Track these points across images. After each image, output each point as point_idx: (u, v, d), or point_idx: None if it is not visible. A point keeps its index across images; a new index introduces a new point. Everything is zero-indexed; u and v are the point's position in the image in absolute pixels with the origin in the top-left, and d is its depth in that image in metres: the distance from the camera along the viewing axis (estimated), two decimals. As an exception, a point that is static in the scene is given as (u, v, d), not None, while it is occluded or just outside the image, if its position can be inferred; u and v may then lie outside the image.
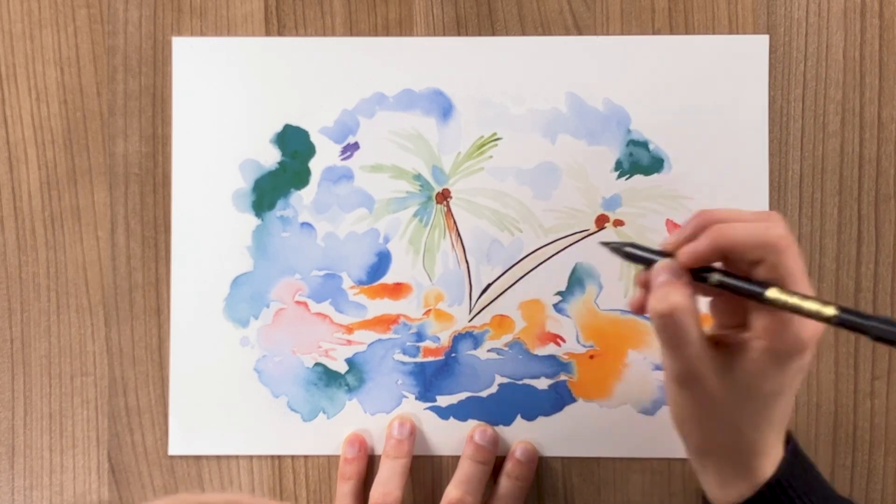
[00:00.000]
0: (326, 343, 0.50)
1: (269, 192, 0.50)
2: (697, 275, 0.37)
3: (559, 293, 0.49)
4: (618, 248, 0.40)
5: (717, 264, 0.38)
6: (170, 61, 0.50)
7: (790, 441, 0.41)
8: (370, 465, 0.50)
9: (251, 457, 0.50)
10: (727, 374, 0.38)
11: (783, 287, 0.36)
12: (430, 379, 0.50)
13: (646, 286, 0.39)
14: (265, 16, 0.50)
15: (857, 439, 0.49)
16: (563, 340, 0.49)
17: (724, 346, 0.38)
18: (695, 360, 0.37)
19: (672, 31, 0.49)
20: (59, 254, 0.50)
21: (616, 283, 0.49)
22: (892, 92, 0.49)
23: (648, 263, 0.39)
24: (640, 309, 0.39)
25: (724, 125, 0.49)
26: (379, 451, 0.50)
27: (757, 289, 0.36)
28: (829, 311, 0.34)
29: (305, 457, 0.50)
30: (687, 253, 0.37)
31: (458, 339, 0.50)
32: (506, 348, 0.50)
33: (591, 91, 0.49)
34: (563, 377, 0.49)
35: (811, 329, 0.37)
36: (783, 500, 0.39)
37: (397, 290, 0.50)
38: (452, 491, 0.47)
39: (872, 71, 0.49)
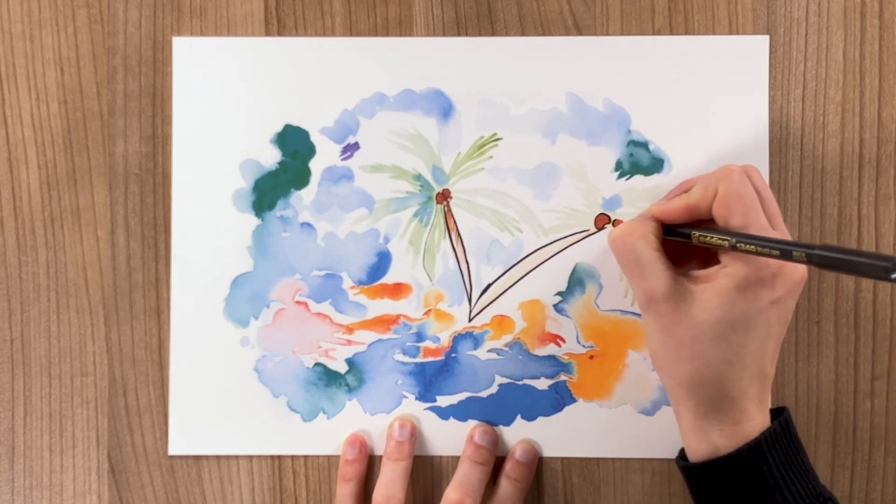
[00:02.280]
0: (326, 343, 0.50)
1: (269, 192, 0.50)
2: (674, 232, 0.44)
3: (559, 293, 0.49)
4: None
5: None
6: (170, 61, 0.50)
7: (783, 414, 0.42)
8: (370, 465, 0.50)
9: (251, 457, 0.50)
10: (691, 297, 0.41)
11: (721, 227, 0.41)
12: (430, 379, 0.50)
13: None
14: (265, 16, 0.50)
15: (857, 439, 0.49)
16: (563, 341, 0.49)
17: (695, 276, 0.42)
18: (652, 279, 0.41)
19: (672, 31, 0.49)
20: (59, 254, 0.50)
21: (616, 283, 0.49)
22: (892, 92, 0.49)
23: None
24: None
25: (724, 125, 0.49)
26: (379, 451, 0.50)
27: (725, 236, 0.40)
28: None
29: (305, 457, 0.50)
30: (658, 208, 0.44)
31: (458, 339, 0.50)
32: (506, 348, 0.50)
33: (591, 91, 0.49)
34: (563, 377, 0.49)
35: (774, 259, 0.40)
36: (755, 467, 0.40)
37: (397, 290, 0.50)
38: (452, 493, 0.47)
39: (872, 71, 0.49)
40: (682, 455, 0.44)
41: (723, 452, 0.41)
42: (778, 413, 0.43)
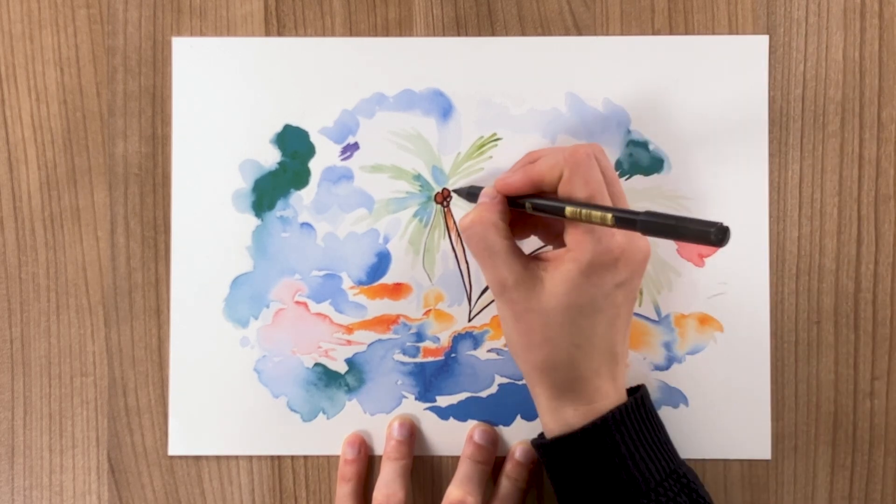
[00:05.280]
0: (326, 343, 0.50)
1: (269, 192, 0.50)
2: (516, 202, 0.43)
3: (559, 293, 0.49)
4: (460, 191, 0.48)
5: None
6: (170, 61, 0.50)
7: (639, 391, 0.43)
8: (370, 465, 0.50)
9: (251, 457, 0.50)
10: (540, 285, 0.41)
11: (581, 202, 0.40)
12: (430, 379, 0.50)
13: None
14: (265, 16, 0.50)
15: (857, 439, 0.49)
16: (563, 340, 0.49)
17: (543, 262, 0.42)
18: (503, 269, 0.42)
19: (672, 31, 0.49)
20: (59, 254, 0.50)
21: (616, 283, 0.49)
22: (892, 92, 0.49)
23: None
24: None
25: (724, 125, 0.49)
26: (379, 451, 0.50)
27: (558, 204, 0.40)
28: (608, 215, 0.38)
29: (305, 457, 0.50)
30: (501, 182, 0.43)
31: (457, 339, 0.50)
32: (506, 348, 0.50)
33: (591, 91, 0.49)
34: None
35: (617, 240, 0.40)
36: (606, 441, 0.41)
37: (397, 290, 0.50)
38: (454, 491, 0.47)
39: (872, 71, 0.49)
40: (540, 436, 0.45)
41: (575, 425, 0.41)
42: (635, 391, 0.44)
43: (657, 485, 0.41)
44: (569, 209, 0.40)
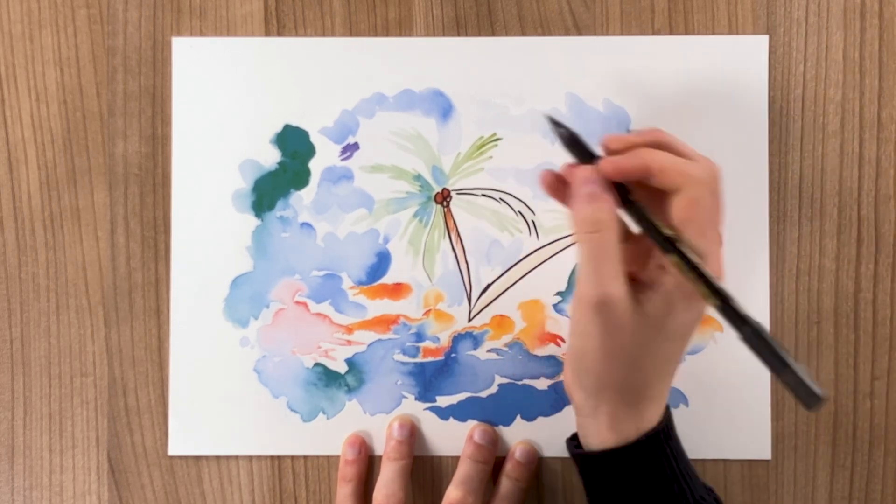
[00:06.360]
0: (326, 343, 0.50)
1: (269, 192, 0.50)
2: (621, 197, 0.39)
3: (559, 293, 0.49)
4: (560, 129, 0.40)
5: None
6: (170, 61, 0.50)
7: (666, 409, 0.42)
8: (370, 466, 0.50)
9: (251, 457, 0.50)
10: (638, 305, 0.38)
11: (684, 233, 0.37)
12: (430, 379, 0.50)
13: (561, 181, 0.41)
14: (265, 16, 0.50)
15: (857, 439, 0.49)
16: (563, 341, 0.49)
17: (636, 281, 0.39)
18: (614, 283, 0.38)
19: (672, 32, 0.49)
20: (59, 254, 0.50)
21: (616, 283, 0.49)
22: (892, 92, 0.49)
23: (581, 157, 0.40)
24: (549, 188, 0.41)
25: (724, 125, 0.49)
26: (379, 451, 0.50)
27: (666, 245, 0.37)
28: (712, 301, 0.37)
29: (305, 457, 0.50)
30: (612, 163, 0.38)
31: (457, 339, 0.50)
32: (506, 348, 0.50)
33: (591, 91, 0.49)
34: (562, 377, 0.49)
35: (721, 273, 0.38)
36: (659, 449, 0.40)
37: (397, 290, 0.50)
38: (453, 491, 0.47)
39: (872, 71, 0.49)
40: (576, 445, 0.43)
41: (627, 440, 0.40)
42: None
43: (700, 499, 0.40)
44: (671, 258, 0.37)
